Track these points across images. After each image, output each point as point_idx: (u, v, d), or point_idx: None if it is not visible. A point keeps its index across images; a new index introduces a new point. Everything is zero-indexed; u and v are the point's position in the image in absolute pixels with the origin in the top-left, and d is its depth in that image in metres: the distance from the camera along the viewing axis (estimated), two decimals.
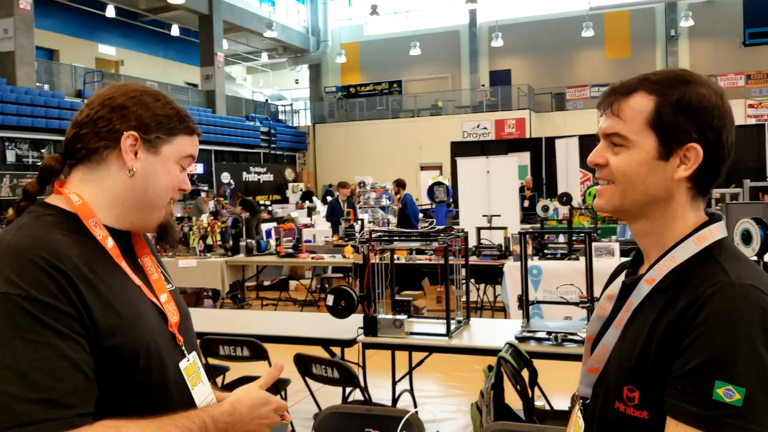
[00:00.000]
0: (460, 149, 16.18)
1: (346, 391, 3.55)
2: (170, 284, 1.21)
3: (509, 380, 2.64)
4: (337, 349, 3.44)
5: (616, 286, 1.09)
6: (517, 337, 3.03)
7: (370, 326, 3.27)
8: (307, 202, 16.66)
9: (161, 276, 1.19)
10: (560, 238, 6.50)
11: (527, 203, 11.71)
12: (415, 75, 25.15)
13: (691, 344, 0.87)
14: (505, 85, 23.33)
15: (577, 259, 5.49)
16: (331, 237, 8.43)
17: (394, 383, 3.75)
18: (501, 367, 2.65)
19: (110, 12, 19.49)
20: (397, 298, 3.58)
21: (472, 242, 5.97)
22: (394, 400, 3.73)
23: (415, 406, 3.96)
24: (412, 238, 3.52)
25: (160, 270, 1.20)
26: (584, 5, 22.06)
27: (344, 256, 6.74)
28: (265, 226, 11.07)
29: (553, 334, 3.00)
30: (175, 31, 22.19)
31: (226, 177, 17.20)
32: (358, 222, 8.24)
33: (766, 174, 13.25)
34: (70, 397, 0.91)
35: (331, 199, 11.27)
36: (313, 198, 18.23)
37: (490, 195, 7.41)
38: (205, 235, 7.33)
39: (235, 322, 4.13)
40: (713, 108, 0.96)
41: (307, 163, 25.05)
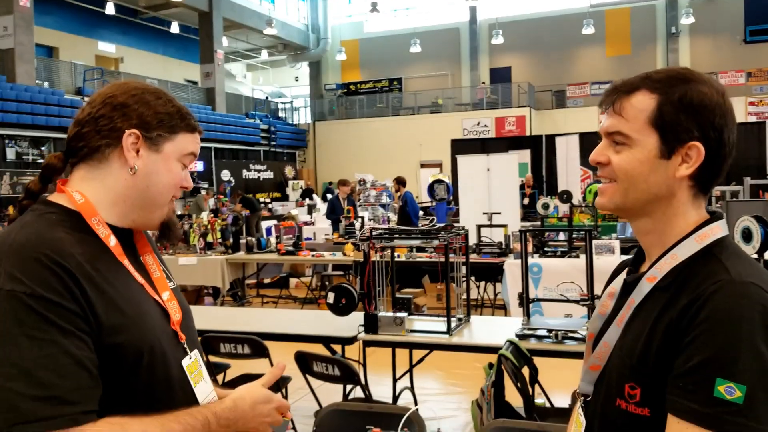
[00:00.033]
0: (461, 147, 16.19)
1: (347, 388, 3.56)
2: (172, 282, 1.21)
3: (510, 378, 2.64)
4: (338, 347, 3.45)
5: (617, 284, 1.09)
6: (517, 335, 3.03)
7: (371, 324, 3.28)
8: (307, 200, 16.67)
9: (163, 274, 1.19)
10: (560, 236, 6.50)
11: (527, 201, 11.70)
12: (415, 72, 25.12)
13: (693, 342, 0.87)
14: (505, 82, 23.30)
15: (577, 257, 5.49)
16: (332, 235, 8.44)
17: (395, 381, 3.75)
18: (501, 365, 2.65)
19: (110, 9, 19.45)
20: (397, 296, 3.58)
21: (473, 240, 5.97)
22: (395, 398, 3.73)
23: (416, 403, 3.97)
24: (413, 236, 3.53)
25: (162, 268, 1.20)
26: (585, 2, 22.04)
27: (344, 254, 6.75)
28: (265, 224, 11.10)
29: (554, 332, 3.00)
30: (175, 29, 22.16)
31: (226, 174, 17.21)
32: (359, 220, 8.25)
33: (767, 172, 13.24)
34: (75, 394, 0.92)
35: (331, 197, 11.26)
36: (313, 196, 18.23)
37: (491, 192, 7.42)
38: (206, 233, 7.34)
39: (236, 319, 4.14)
40: (715, 106, 0.96)
41: (307, 161, 25.04)
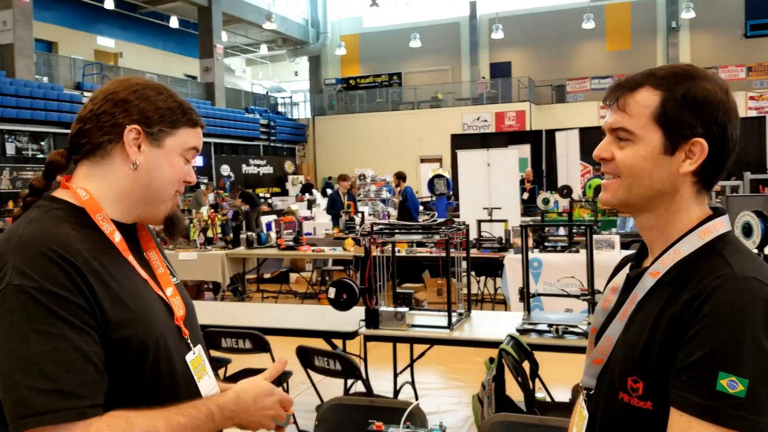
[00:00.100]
0: (461, 142, 16.17)
1: (348, 383, 3.56)
2: (175, 278, 1.22)
3: (510, 372, 2.65)
4: (339, 342, 3.45)
5: (620, 279, 1.10)
6: (518, 330, 3.04)
7: (372, 319, 3.28)
8: (306, 195, 16.66)
9: (167, 270, 1.19)
10: (560, 231, 6.51)
11: (527, 196, 11.68)
12: (415, 67, 25.07)
13: (696, 336, 0.88)
14: (505, 77, 23.27)
15: (577, 252, 5.50)
16: (332, 230, 8.44)
17: (396, 375, 3.76)
18: (502, 359, 2.66)
19: (109, 4, 19.39)
20: (398, 291, 3.59)
21: (473, 235, 5.98)
22: (396, 392, 3.74)
23: (417, 398, 3.98)
24: (414, 231, 3.53)
25: (165, 264, 1.20)
26: None
27: (345, 249, 6.75)
28: (265, 219, 11.09)
29: (554, 327, 3.01)
30: (174, 23, 22.10)
31: (225, 170, 17.19)
32: (359, 215, 8.25)
33: (767, 167, 13.24)
34: (82, 388, 0.93)
35: (331, 192, 11.27)
36: (313, 190, 18.21)
37: (491, 187, 7.41)
38: (206, 228, 7.34)
39: (237, 314, 4.14)
40: (718, 103, 0.96)
41: (307, 156, 25.01)
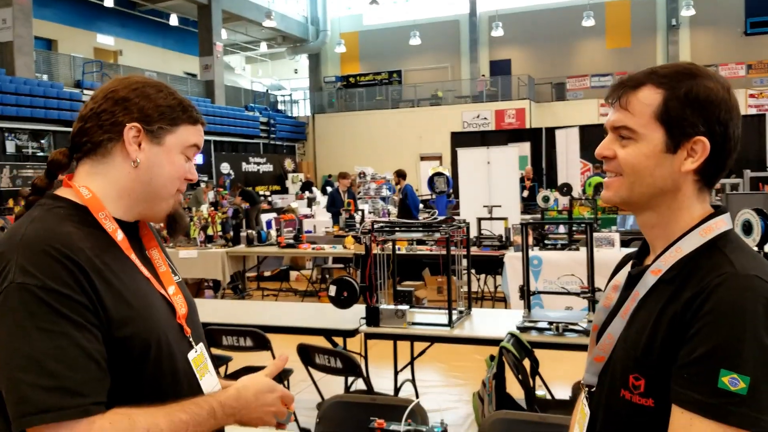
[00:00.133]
0: (460, 139, 16.17)
1: (348, 380, 3.57)
2: (177, 276, 1.22)
3: (511, 370, 2.66)
4: (339, 339, 3.46)
5: (621, 277, 1.10)
6: (518, 327, 3.04)
7: (372, 316, 3.29)
8: (306, 193, 16.65)
9: (169, 268, 1.20)
10: (560, 229, 6.51)
11: (527, 194, 11.68)
12: (414, 65, 25.06)
13: (697, 333, 0.88)
14: (505, 74, 23.25)
15: (577, 250, 5.50)
16: (332, 227, 8.44)
17: (396, 373, 3.77)
18: (503, 357, 2.66)
19: (109, 1, 19.37)
20: (398, 289, 3.59)
21: (473, 233, 5.98)
22: (396, 390, 3.75)
23: (417, 395, 3.98)
24: (414, 229, 3.53)
25: (167, 262, 1.21)
26: None
27: (345, 247, 6.75)
28: (265, 217, 11.08)
29: (554, 324, 3.01)
30: (174, 21, 22.08)
31: (225, 167, 17.16)
32: (359, 212, 8.25)
33: (767, 164, 13.24)
34: (84, 386, 0.93)
35: (331, 190, 11.26)
36: (313, 188, 18.21)
37: (491, 185, 7.41)
38: (206, 226, 7.34)
39: (237, 312, 4.15)
40: (720, 102, 0.97)
41: (307, 154, 25.00)
